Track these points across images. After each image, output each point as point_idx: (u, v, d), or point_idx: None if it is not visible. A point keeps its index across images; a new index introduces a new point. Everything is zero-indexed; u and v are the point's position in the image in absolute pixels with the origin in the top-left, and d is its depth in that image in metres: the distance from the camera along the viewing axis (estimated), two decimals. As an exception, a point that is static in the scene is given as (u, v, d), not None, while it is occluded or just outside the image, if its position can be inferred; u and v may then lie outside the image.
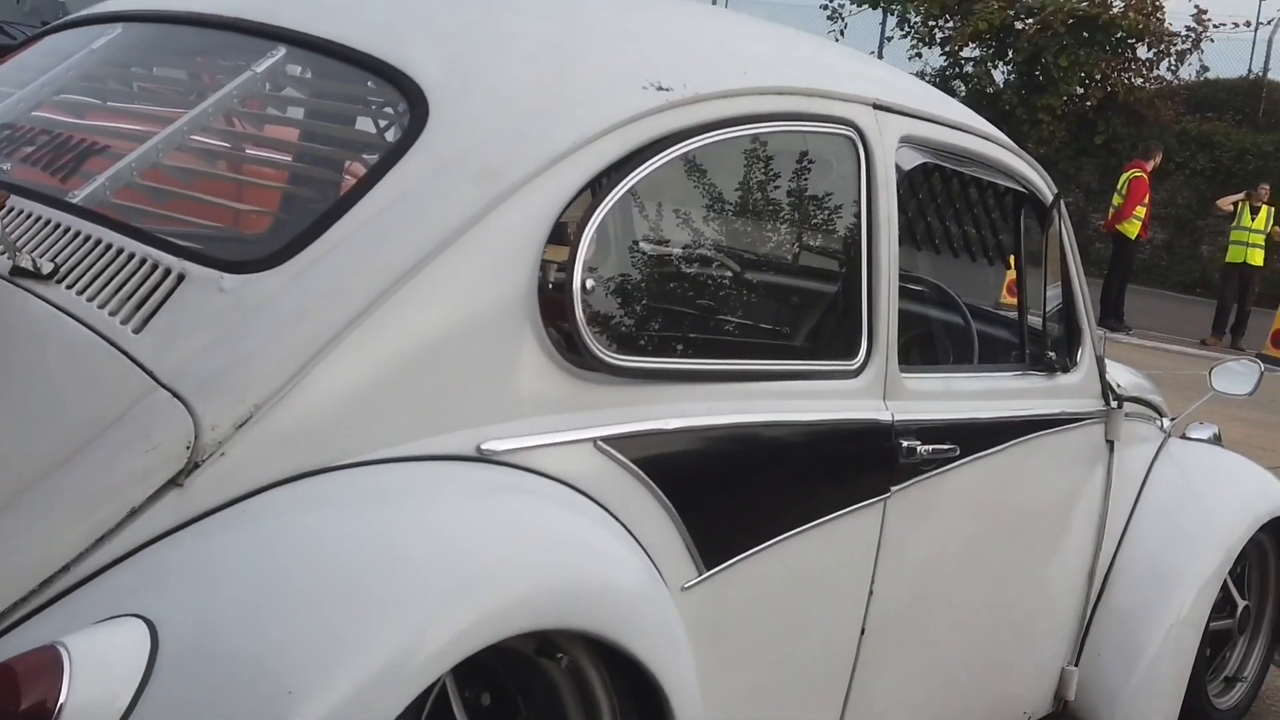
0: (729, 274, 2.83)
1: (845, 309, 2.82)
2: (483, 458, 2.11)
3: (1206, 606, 3.77)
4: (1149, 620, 3.66)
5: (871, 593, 2.79)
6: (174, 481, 1.87)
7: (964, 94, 26.44)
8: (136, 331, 1.99)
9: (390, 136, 2.39)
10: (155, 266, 2.07)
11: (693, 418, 2.41)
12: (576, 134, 2.28)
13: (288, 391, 1.95)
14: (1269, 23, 27.07)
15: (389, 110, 2.45)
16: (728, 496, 2.50)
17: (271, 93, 2.55)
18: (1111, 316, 16.92)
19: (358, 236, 2.09)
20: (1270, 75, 26.84)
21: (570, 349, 2.24)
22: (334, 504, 1.95)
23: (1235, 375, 4.43)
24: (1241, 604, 4.10)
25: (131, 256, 2.10)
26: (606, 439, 2.26)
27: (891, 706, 2.98)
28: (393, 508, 1.97)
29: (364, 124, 2.56)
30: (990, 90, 27.33)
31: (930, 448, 2.86)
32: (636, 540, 2.25)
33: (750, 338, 2.80)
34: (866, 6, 29.85)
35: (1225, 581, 3.90)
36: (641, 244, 2.73)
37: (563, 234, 2.26)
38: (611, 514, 2.23)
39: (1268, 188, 17.93)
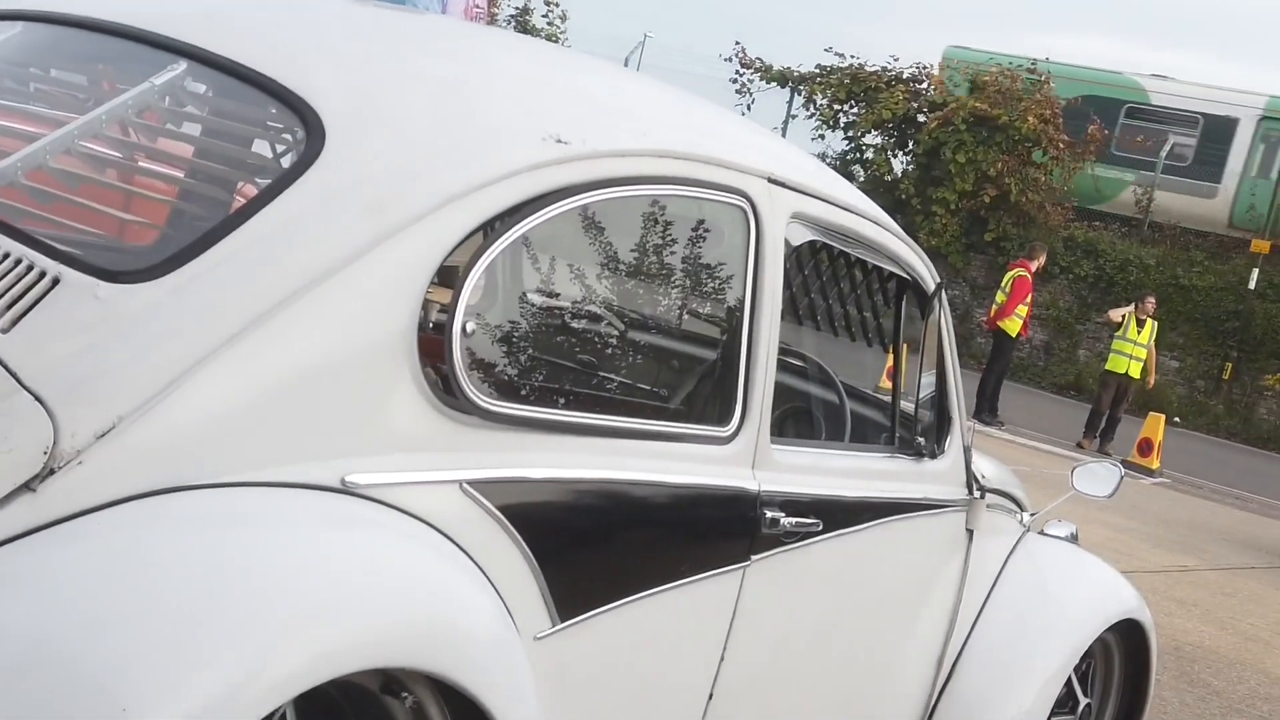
0: (611, 330, 2.85)
1: (722, 376, 2.85)
2: (346, 490, 2.10)
3: (1049, 701, 3.83)
4: (992, 710, 3.71)
5: (723, 658, 2.81)
6: (27, 486, 1.84)
7: (862, 179, 26.87)
8: (4, 332, 1.96)
9: (285, 162, 2.38)
10: (30, 268, 2.04)
11: (561, 469, 2.42)
12: (471, 178, 2.29)
13: (154, 405, 1.92)
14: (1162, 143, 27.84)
15: (286, 136, 2.44)
16: (588, 550, 2.51)
17: (169, 107, 2.53)
18: (986, 410, 17.22)
19: (241, 257, 2.08)
20: (1158, 191, 27.55)
21: (445, 390, 2.24)
22: (189, 523, 1.93)
23: (1097, 477, 4.52)
24: (1084, 701, 4.17)
25: (6, 256, 2.07)
26: (473, 482, 2.26)
27: (733, 773, 2.99)
28: (249, 532, 1.95)
29: (260, 147, 2.54)
30: (888, 178, 27.79)
31: (794, 520, 2.89)
32: (493, 586, 2.25)
33: (626, 396, 2.81)
34: (775, 85, 30.26)
35: (1070, 678, 3.97)
36: (527, 293, 2.75)
37: (448, 275, 2.26)
38: (470, 557, 2.23)
39: (1154, 301, 18.37)
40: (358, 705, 2.14)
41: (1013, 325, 17.47)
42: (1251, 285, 25.28)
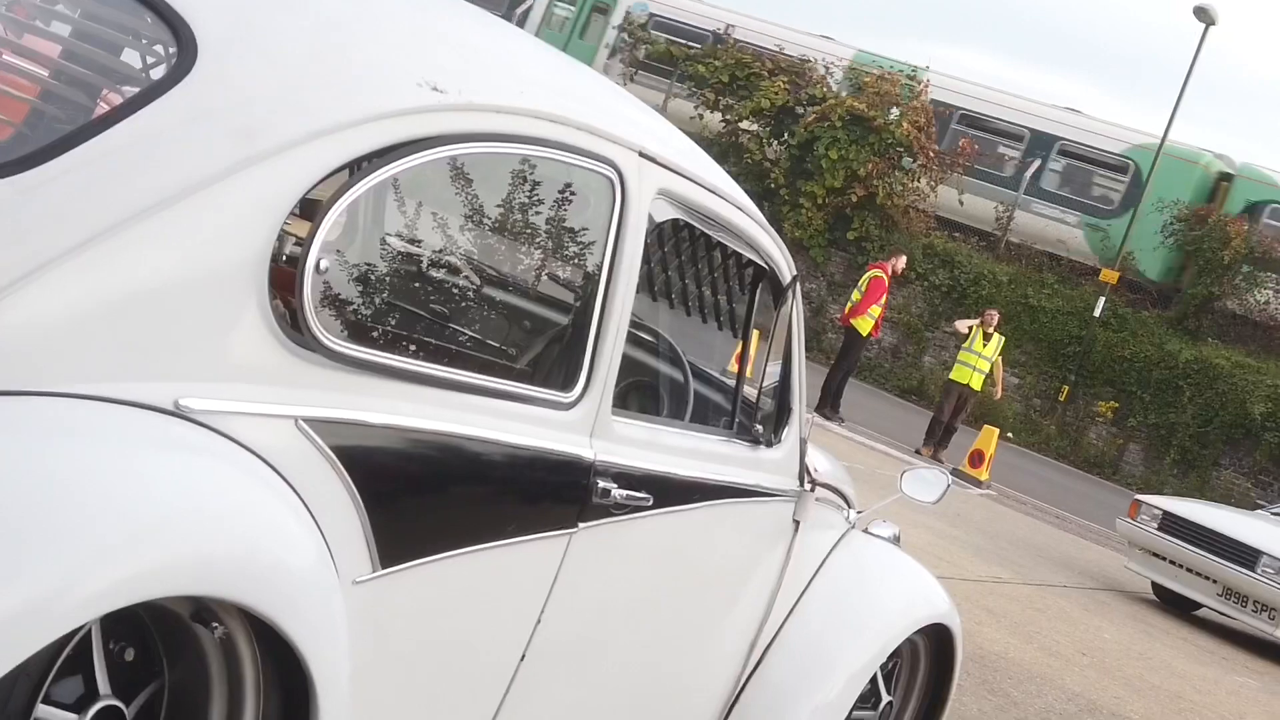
0: (465, 284, 2.84)
1: (571, 343, 2.86)
2: (179, 413, 2.07)
3: (853, 695, 3.91)
4: (797, 697, 3.78)
5: (539, 621, 2.83)
6: None
7: (736, 165, 27.01)
8: None
9: (153, 76, 2.34)
10: None
11: (400, 416, 2.41)
12: (341, 115, 2.27)
13: None
14: (1026, 161, 28.46)
15: (157, 49, 2.39)
16: (417, 501, 2.51)
17: (39, 3, 2.47)
18: (829, 405, 17.47)
19: (97, 165, 2.03)
20: (1019, 212, 28.16)
21: (292, 324, 2.22)
22: (11, 430, 1.88)
23: (925, 483, 4.61)
24: (886, 699, 4.26)
25: None
26: (309, 420, 2.24)
27: (537, 735, 3.01)
28: (72, 445, 1.91)
29: (129, 57, 2.49)
30: (762, 164, 27.98)
31: (625, 493, 2.91)
32: (317, 525, 2.24)
33: (474, 351, 2.81)
34: (658, 62, 30.32)
35: (875, 675, 4.05)
36: (386, 237, 2.73)
37: (307, 210, 2.24)
38: (297, 494, 2.21)
39: (996, 315, 18.78)
40: (166, 631, 2.12)
41: (864, 324, 17.75)
42: (1097, 313, 25.97)
